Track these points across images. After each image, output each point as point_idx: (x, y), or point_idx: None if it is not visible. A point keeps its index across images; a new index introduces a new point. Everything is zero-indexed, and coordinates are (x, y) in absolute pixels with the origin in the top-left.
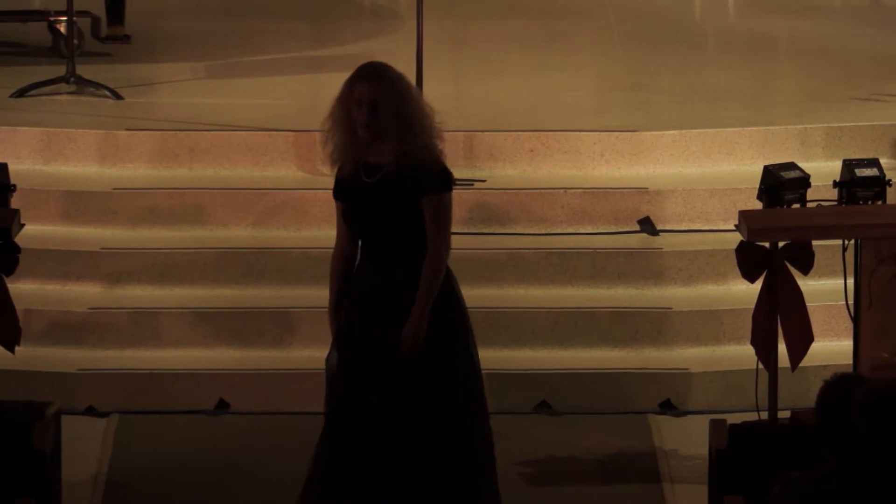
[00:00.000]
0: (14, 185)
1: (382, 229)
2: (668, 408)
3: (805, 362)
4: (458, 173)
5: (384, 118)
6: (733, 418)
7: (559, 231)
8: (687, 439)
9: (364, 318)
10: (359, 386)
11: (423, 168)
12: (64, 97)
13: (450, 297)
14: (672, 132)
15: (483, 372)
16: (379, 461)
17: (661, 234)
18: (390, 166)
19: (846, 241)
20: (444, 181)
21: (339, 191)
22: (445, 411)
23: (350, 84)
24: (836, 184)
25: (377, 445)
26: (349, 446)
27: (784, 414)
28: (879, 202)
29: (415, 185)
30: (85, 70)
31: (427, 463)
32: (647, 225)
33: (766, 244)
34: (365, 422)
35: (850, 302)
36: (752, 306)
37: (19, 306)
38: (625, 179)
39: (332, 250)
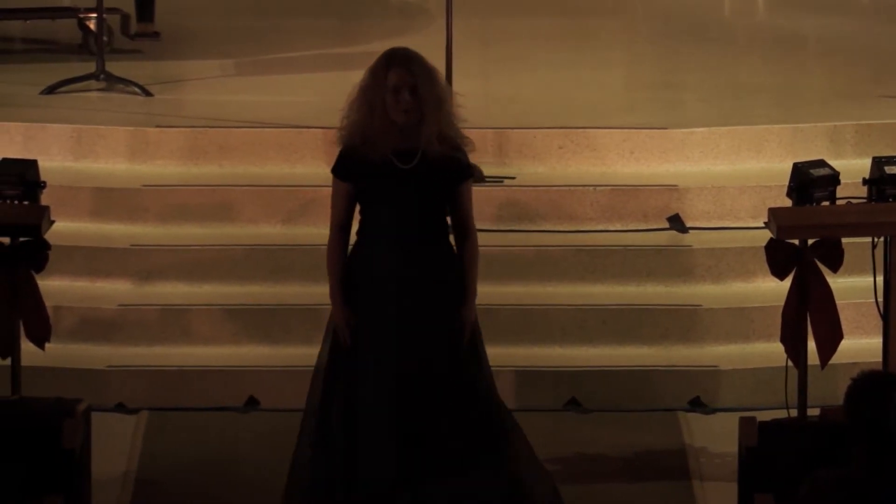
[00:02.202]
0: (44, 182)
1: (415, 214)
2: (697, 405)
3: (834, 360)
4: (487, 170)
5: (425, 102)
6: (763, 416)
7: (588, 228)
8: (716, 437)
9: (402, 304)
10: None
11: (458, 152)
12: (94, 94)
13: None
14: (701, 130)
15: (512, 369)
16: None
17: (690, 231)
18: (430, 150)
19: (875, 239)
20: (471, 168)
21: (352, 173)
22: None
23: (382, 71)
24: (865, 181)
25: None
26: (354, 443)
27: (814, 411)
28: None
29: (452, 169)
30: (114, 67)
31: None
32: (676, 222)
33: (796, 241)
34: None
35: (880, 299)
36: (782, 304)
37: (49, 303)
38: (654, 177)
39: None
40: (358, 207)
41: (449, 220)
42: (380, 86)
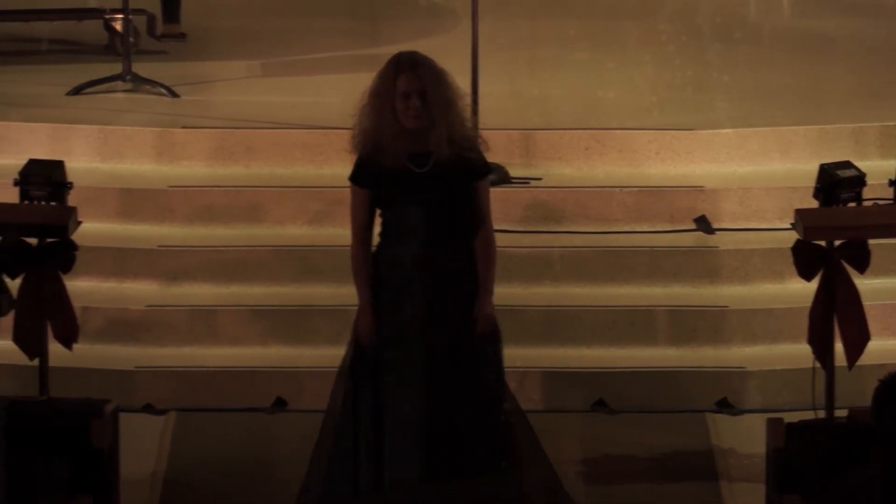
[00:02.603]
0: (71, 183)
1: (436, 216)
2: (724, 406)
3: (862, 361)
4: (513, 171)
5: (434, 106)
6: (790, 417)
7: (615, 230)
8: (744, 438)
9: (428, 304)
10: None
11: (472, 152)
12: (120, 95)
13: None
14: (727, 131)
15: (540, 370)
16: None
17: (717, 232)
18: (442, 153)
19: None
20: (488, 165)
21: (370, 180)
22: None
23: (391, 76)
24: (891, 182)
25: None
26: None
27: (841, 412)
28: None
29: (467, 169)
30: (141, 68)
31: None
32: (703, 223)
33: (823, 243)
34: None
35: None
36: (809, 305)
37: (76, 304)
38: (680, 178)
39: None
40: (378, 212)
41: None
42: (389, 91)
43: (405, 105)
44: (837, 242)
